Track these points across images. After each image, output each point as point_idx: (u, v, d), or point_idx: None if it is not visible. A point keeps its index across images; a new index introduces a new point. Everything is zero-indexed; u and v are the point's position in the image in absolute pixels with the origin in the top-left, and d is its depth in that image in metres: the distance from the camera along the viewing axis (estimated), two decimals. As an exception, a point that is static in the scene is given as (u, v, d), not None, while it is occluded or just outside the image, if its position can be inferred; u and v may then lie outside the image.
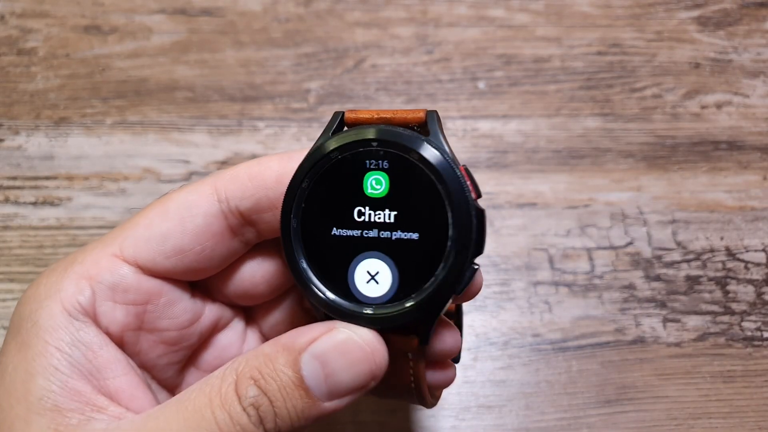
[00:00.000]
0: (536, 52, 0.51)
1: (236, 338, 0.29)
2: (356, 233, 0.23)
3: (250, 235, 0.26)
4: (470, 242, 0.21)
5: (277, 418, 0.21)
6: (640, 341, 0.42)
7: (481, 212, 0.22)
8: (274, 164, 0.25)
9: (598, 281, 0.44)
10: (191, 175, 0.46)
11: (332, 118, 0.24)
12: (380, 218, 0.22)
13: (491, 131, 0.48)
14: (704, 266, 0.44)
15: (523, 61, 0.51)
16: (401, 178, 0.22)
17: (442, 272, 0.22)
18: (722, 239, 0.45)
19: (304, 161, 0.23)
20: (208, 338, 0.28)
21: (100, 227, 0.44)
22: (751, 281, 0.44)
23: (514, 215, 0.45)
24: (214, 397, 0.21)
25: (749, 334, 0.43)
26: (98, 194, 0.45)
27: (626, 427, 0.40)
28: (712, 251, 0.45)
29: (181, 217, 0.24)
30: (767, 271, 0.44)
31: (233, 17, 0.51)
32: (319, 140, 0.23)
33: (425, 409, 0.40)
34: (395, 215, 0.22)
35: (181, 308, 0.26)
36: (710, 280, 0.44)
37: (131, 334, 0.25)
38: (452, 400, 0.40)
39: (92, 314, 0.24)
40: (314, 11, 0.52)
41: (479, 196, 0.22)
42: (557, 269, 0.44)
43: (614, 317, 0.43)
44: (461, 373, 0.41)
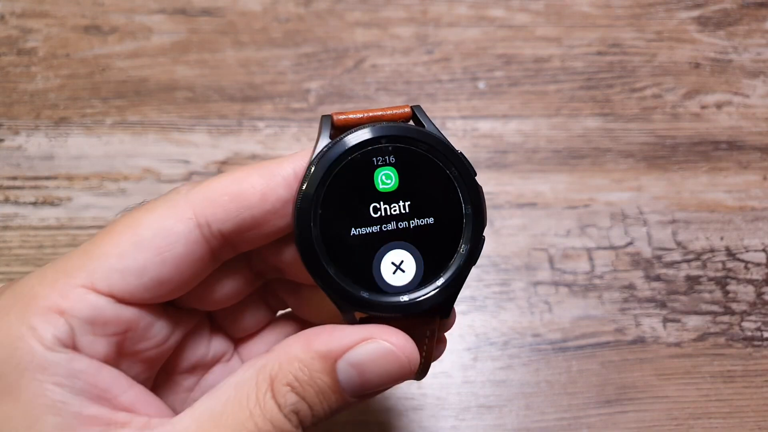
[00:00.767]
0: (536, 52, 0.51)
1: (203, 339, 0.29)
2: (375, 229, 0.23)
3: (226, 253, 0.25)
4: (481, 215, 0.24)
5: (313, 417, 0.23)
6: (640, 341, 0.42)
7: (480, 188, 0.24)
8: (256, 181, 0.23)
9: (598, 281, 0.44)
10: (191, 175, 0.46)
11: (322, 122, 0.24)
12: (396, 210, 0.24)
13: (491, 131, 0.48)
14: (704, 266, 0.44)
15: (523, 61, 0.51)
16: (409, 169, 0.24)
17: (463, 247, 0.24)
18: (722, 239, 0.45)
19: (311, 169, 0.23)
20: (178, 345, 0.28)
21: (99, 227, 0.44)
22: (751, 281, 0.44)
23: (514, 215, 0.45)
24: (254, 408, 0.22)
25: (749, 334, 0.43)
26: (98, 194, 0.45)
27: (626, 427, 0.40)
28: (712, 251, 0.45)
29: (158, 246, 0.23)
30: (767, 271, 0.44)
31: (233, 17, 0.51)
32: (318, 145, 0.24)
33: (425, 408, 0.40)
34: (409, 205, 0.24)
35: (157, 328, 0.25)
36: (710, 280, 0.44)
37: (112, 362, 0.24)
38: (452, 400, 0.40)
39: (72, 347, 0.22)
40: (314, 11, 0.52)
41: (475, 174, 0.24)
42: (557, 269, 0.44)
43: (614, 317, 0.43)
44: (461, 373, 0.41)
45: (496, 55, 0.51)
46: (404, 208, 0.24)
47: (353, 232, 0.23)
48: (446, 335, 0.28)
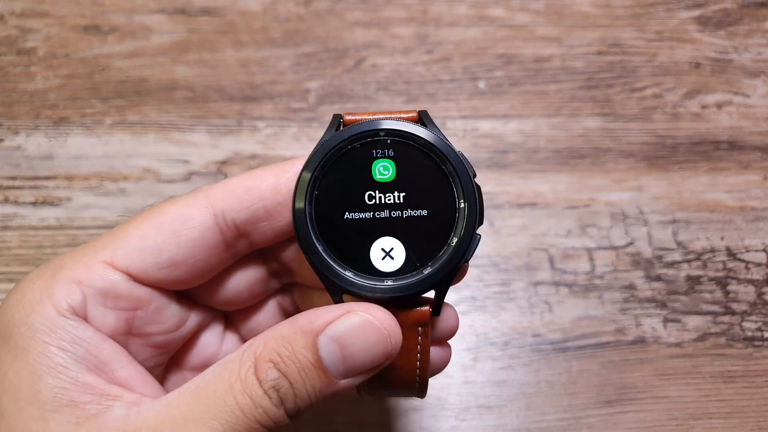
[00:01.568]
0: (536, 51, 0.51)
1: (216, 339, 0.30)
2: (368, 215, 0.24)
3: (241, 247, 0.27)
4: (476, 212, 0.24)
5: (296, 398, 0.23)
6: (640, 341, 0.42)
7: (479, 187, 0.25)
8: (269, 176, 0.25)
9: (598, 281, 0.44)
10: (191, 175, 0.46)
11: (332, 120, 0.25)
12: (390, 200, 0.24)
13: (491, 131, 0.48)
14: (705, 266, 0.44)
15: (523, 60, 0.51)
16: (406, 163, 0.24)
17: (454, 241, 0.24)
18: (723, 239, 0.45)
19: (313, 153, 0.24)
20: (190, 340, 0.29)
21: (99, 227, 0.44)
22: (751, 281, 0.44)
23: (514, 215, 0.45)
24: (234, 382, 0.22)
25: (750, 334, 0.42)
26: (98, 194, 0.45)
27: (626, 427, 0.40)
28: (712, 251, 0.45)
29: (176, 230, 0.25)
30: (767, 271, 0.44)
31: (233, 17, 0.51)
32: (324, 137, 0.25)
33: (425, 408, 0.40)
34: (404, 196, 0.24)
35: (168, 314, 0.27)
36: (711, 280, 0.44)
37: (121, 338, 0.25)
38: (452, 400, 0.40)
39: (83, 317, 0.24)
40: (314, 11, 0.52)
41: (474, 175, 0.25)
42: (557, 269, 0.44)
43: (615, 317, 0.43)
44: (461, 373, 0.41)
45: (496, 54, 0.51)
46: (399, 198, 0.24)
47: (347, 215, 0.24)
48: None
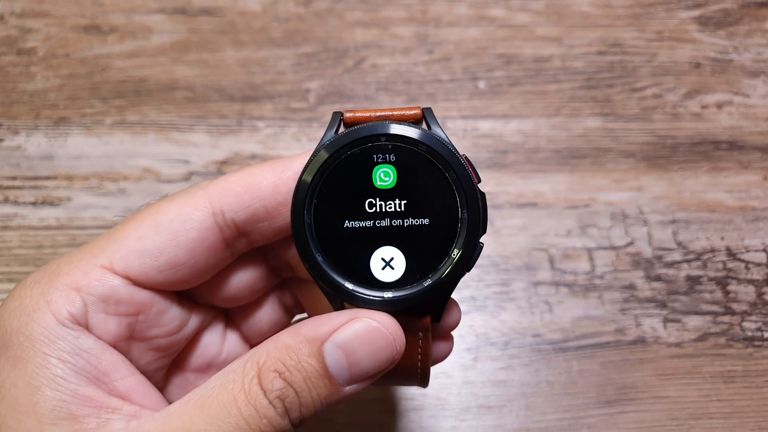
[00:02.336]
0: (536, 51, 0.51)
1: (217, 339, 0.29)
2: (368, 224, 0.24)
3: (241, 245, 0.26)
4: (479, 222, 0.23)
5: (302, 407, 0.22)
6: (640, 341, 0.42)
7: (483, 195, 0.24)
8: (269, 174, 0.25)
9: (598, 281, 0.44)
10: (191, 175, 0.46)
11: (332, 118, 0.25)
12: (391, 208, 0.24)
13: (491, 131, 0.48)
14: (705, 266, 0.44)
15: (523, 60, 0.51)
16: (408, 169, 0.24)
17: (456, 251, 0.23)
18: (723, 239, 0.45)
19: (312, 159, 0.24)
20: (192, 341, 0.29)
21: (99, 227, 0.44)
22: (751, 281, 0.44)
23: (514, 215, 0.45)
24: (238, 393, 0.22)
25: (750, 334, 0.42)
26: (98, 194, 0.45)
27: (627, 427, 0.40)
28: (712, 251, 0.45)
29: (175, 231, 0.24)
30: (767, 271, 0.44)
31: (233, 17, 0.51)
32: (323, 139, 0.24)
33: (425, 408, 0.40)
34: (405, 204, 0.24)
35: (170, 316, 0.26)
36: (711, 280, 0.44)
37: (123, 344, 0.25)
38: (452, 400, 0.40)
39: (84, 325, 0.23)
40: (314, 11, 0.52)
41: (479, 180, 0.24)
42: (557, 269, 0.44)
43: (615, 317, 0.43)
44: (461, 373, 0.41)
45: (496, 54, 0.51)
46: (400, 206, 0.24)
47: (347, 224, 0.24)
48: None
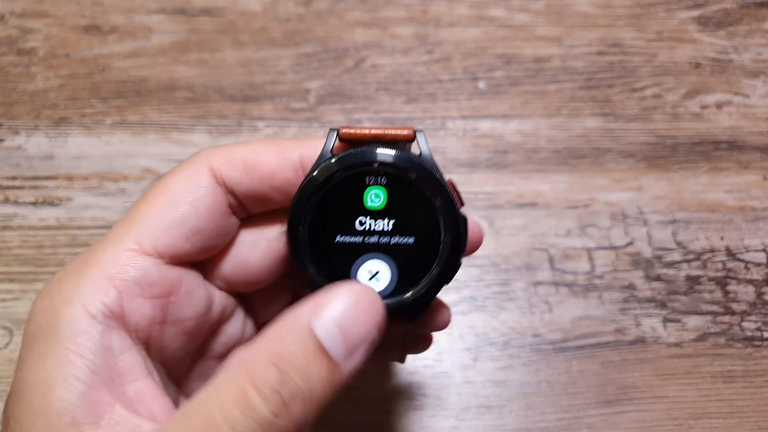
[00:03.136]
0: (536, 51, 0.51)
1: (239, 325, 0.30)
2: (358, 240, 0.26)
3: (242, 213, 0.27)
4: (459, 244, 0.26)
5: (304, 397, 0.20)
6: (640, 341, 0.42)
7: (464, 219, 0.26)
8: (271, 158, 0.26)
9: (598, 281, 0.44)
10: (191, 175, 0.46)
11: (328, 135, 0.26)
12: (380, 226, 0.26)
13: (491, 131, 0.48)
14: (704, 266, 0.44)
15: (523, 60, 0.51)
16: (398, 192, 0.26)
17: (436, 269, 0.26)
18: (722, 239, 0.45)
19: (309, 179, 0.26)
20: (216, 328, 0.29)
21: (99, 227, 0.44)
22: (751, 281, 0.44)
23: (514, 215, 0.45)
24: (228, 397, 0.20)
25: (749, 334, 0.42)
26: (98, 194, 0.45)
27: (626, 427, 0.40)
28: (712, 251, 0.45)
29: (191, 199, 0.25)
30: (767, 271, 0.44)
31: (233, 17, 0.51)
32: (320, 158, 0.26)
33: (425, 408, 0.40)
34: (393, 223, 0.26)
35: (198, 296, 0.27)
36: (710, 280, 0.44)
37: (157, 327, 0.25)
38: (452, 400, 0.40)
39: (120, 315, 0.23)
40: (314, 11, 0.52)
41: (462, 204, 0.26)
42: (557, 269, 0.44)
43: (614, 317, 0.43)
44: (461, 373, 0.41)
45: (496, 54, 0.51)
46: (388, 225, 0.26)
47: (338, 239, 0.26)
48: (447, 336, 0.29)
